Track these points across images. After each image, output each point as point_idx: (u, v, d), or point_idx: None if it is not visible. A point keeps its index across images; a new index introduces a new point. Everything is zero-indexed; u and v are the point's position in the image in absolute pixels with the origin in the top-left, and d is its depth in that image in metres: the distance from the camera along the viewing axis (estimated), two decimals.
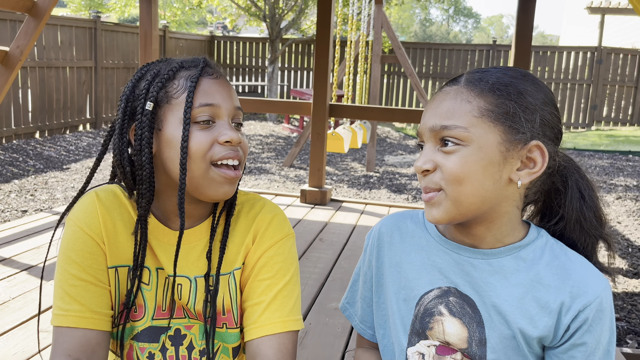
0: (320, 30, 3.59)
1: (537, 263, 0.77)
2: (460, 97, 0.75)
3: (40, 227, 2.86)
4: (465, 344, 0.79)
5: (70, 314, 0.83)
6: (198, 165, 0.83)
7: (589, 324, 0.74)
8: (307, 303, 2.03)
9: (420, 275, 0.83)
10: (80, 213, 0.88)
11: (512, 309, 0.76)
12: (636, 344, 2.32)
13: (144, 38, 3.81)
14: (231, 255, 0.91)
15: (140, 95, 0.85)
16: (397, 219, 0.90)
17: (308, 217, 3.36)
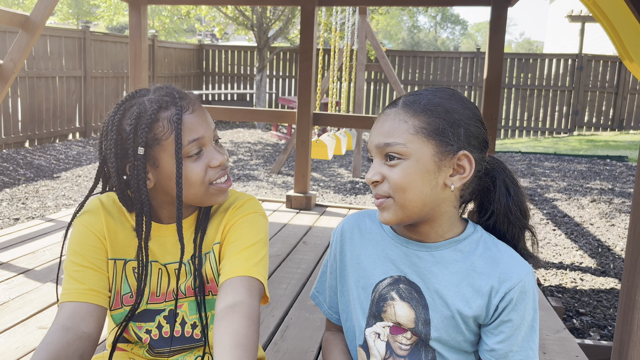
0: (304, 43, 3.75)
1: (472, 254, 0.91)
2: (398, 117, 0.89)
3: (34, 233, 2.97)
4: (412, 324, 0.93)
5: (70, 291, 0.98)
6: (198, 189, 1.00)
7: (513, 304, 0.88)
8: (289, 300, 2.17)
9: (375, 266, 0.97)
10: (86, 215, 1.04)
11: (451, 293, 0.91)
12: (598, 336, 2.48)
13: (133, 51, 3.94)
14: (211, 235, 1.06)
15: (129, 139, 0.96)
16: (357, 218, 1.04)
17: (293, 221, 3.50)
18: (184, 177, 0.98)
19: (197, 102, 1.03)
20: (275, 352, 1.73)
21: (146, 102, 0.98)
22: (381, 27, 27.76)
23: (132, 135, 0.96)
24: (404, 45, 46.16)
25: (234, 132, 10.07)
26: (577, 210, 4.87)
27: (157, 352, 1.07)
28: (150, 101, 0.98)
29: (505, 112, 11.26)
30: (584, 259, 3.57)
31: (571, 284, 3.13)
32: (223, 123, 11.30)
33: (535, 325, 0.91)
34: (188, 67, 11.94)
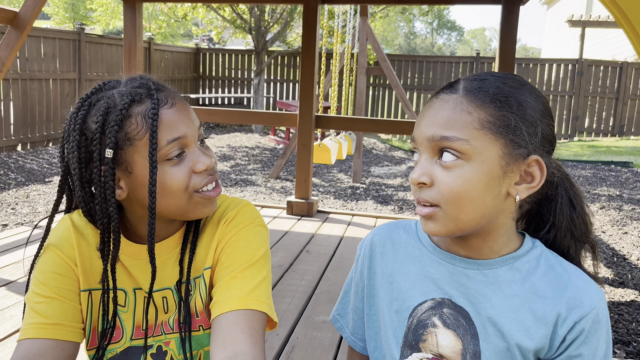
0: (306, 42, 3.60)
1: (532, 274, 0.76)
2: (460, 107, 0.71)
3: (21, 241, 2.80)
4: (459, 357, 0.77)
5: (30, 326, 0.81)
6: (181, 199, 0.82)
7: (585, 335, 0.73)
8: (294, 316, 2.00)
9: (413, 286, 0.81)
10: (55, 239, 0.87)
11: (508, 321, 0.75)
12: (624, 354, 2.32)
13: (128, 50, 3.78)
14: (201, 256, 0.89)
15: (95, 140, 0.79)
16: (389, 229, 0.88)
17: (294, 229, 3.34)
18: (162, 185, 0.80)
19: (177, 95, 0.85)
20: None
21: (116, 95, 0.81)
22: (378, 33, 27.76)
23: (98, 134, 0.78)
24: (401, 50, 46.20)
25: (231, 136, 9.92)
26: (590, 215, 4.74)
27: None
28: (121, 94, 0.81)
29: None
30: (599, 269, 3.42)
31: None
32: (220, 127, 11.15)
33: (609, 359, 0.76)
34: (185, 70, 11.79)
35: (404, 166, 7.61)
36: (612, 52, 12.90)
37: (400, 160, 8.19)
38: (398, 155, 8.60)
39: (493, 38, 77.86)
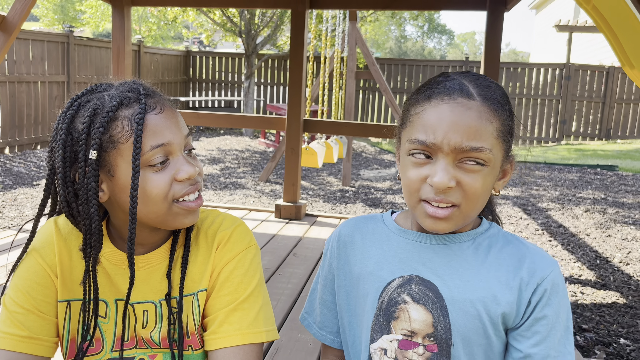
0: (294, 47, 3.62)
1: (493, 247, 0.82)
2: (484, 116, 0.74)
3: (7, 245, 2.79)
4: (431, 329, 0.80)
5: (8, 336, 0.83)
6: (160, 206, 0.82)
7: (547, 297, 0.78)
8: (279, 319, 2.02)
9: (381, 266, 0.84)
10: (38, 243, 0.88)
11: (475, 289, 0.79)
12: (604, 355, 2.36)
13: (116, 53, 3.79)
14: (195, 275, 0.90)
15: (80, 140, 0.79)
16: (356, 222, 0.92)
17: (282, 232, 3.36)
18: (143, 190, 0.80)
19: (167, 101, 0.86)
20: None
21: (106, 97, 0.82)
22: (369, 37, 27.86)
23: (84, 135, 0.79)
24: (392, 54, 46.39)
25: (221, 139, 9.92)
26: (572, 221, 4.79)
27: None
28: (111, 97, 0.81)
29: None
30: (582, 271, 3.47)
31: (572, 297, 3.02)
32: (210, 130, 11.13)
33: (571, 326, 0.81)
34: (175, 73, 11.77)
35: (393, 169, 7.66)
36: (599, 56, 13.07)
37: (389, 163, 8.23)
38: (387, 159, 8.64)
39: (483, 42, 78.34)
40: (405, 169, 0.79)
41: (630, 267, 3.61)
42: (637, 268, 3.60)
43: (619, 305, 2.99)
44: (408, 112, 0.81)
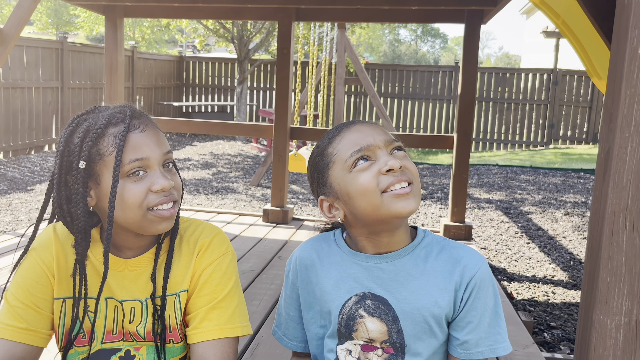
0: (281, 57, 3.77)
1: (429, 256, 0.96)
2: (381, 125, 0.98)
3: (4, 249, 2.91)
4: (386, 336, 0.94)
5: (7, 327, 0.96)
6: (135, 213, 0.94)
7: (476, 291, 0.93)
8: (261, 317, 2.16)
9: (339, 287, 0.98)
10: (38, 245, 1.01)
11: (419, 298, 0.93)
12: (568, 350, 2.51)
13: (109, 63, 3.92)
14: (177, 277, 1.03)
15: (74, 152, 0.93)
16: (312, 244, 1.04)
17: (269, 236, 3.49)
18: (121, 198, 0.92)
19: (151, 123, 0.99)
20: None
21: (99, 117, 0.96)
22: (363, 40, 28.06)
23: (78, 147, 0.93)
24: (385, 57, 46.65)
25: (214, 144, 10.04)
26: (551, 224, 4.95)
27: None
28: (102, 116, 0.95)
29: (483, 125, 11.43)
30: (556, 272, 3.63)
31: (543, 297, 3.17)
32: (203, 135, 11.25)
33: (499, 311, 0.96)
34: (168, 78, 11.89)
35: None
36: None
37: None
38: None
39: None
40: (354, 182, 0.90)
41: None
42: None
43: None
44: (325, 157, 0.95)
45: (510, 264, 3.83)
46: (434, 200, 5.89)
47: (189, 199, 5.47)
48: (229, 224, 3.78)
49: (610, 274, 1.05)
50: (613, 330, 1.05)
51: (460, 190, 3.59)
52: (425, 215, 5.22)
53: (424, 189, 6.59)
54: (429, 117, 11.65)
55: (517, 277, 3.55)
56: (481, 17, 3.44)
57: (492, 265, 3.80)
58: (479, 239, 4.45)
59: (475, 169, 8.22)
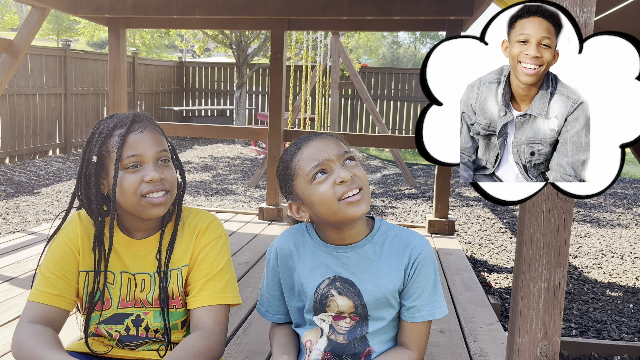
0: (274, 64, 4.00)
1: (385, 243, 1.19)
2: (337, 138, 1.17)
3: (17, 245, 3.14)
4: (353, 309, 1.18)
5: (41, 294, 1.19)
6: (131, 199, 1.16)
7: (419, 268, 1.16)
8: (253, 302, 2.39)
9: (314, 272, 1.21)
10: (66, 228, 1.25)
11: (378, 278, 1.17)
12: None
13: (112, 71, 4.16)
14: (180, 254, 1.26)
15: (89, 149, 1.19)
16: (289, 236, 1.26)
17: (264, 232, 3.72)
18: (120, 186, 1.16)
19: (150, 126, 1.22)
20: (238, 344, 1.95)
21: (110, 121, 1.20)
22: (362, 43, 28.28)
23: (92, 146, 1.19)
24: (384, 60, 46.90)
25: (214, 148, 10.27)
26: None
27: (125, 345, 1.26)
28: (113, 121, 1.20)
29: None
30: None
31: None
32: (203, 139, 11.48)
33: (438, 284, 1.20)
34: (168, 83, 12.13)
35: (379, 174, 8.02)
36: None
37: (376, 168, 8.60)
38: (374, 164, 9.01)
39: None
40: (315, 192, 1.12)
41: (578, 259, 3.99)
42: (583, 260, 3.99)
43: None
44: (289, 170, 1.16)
45: (492, 257, 4.06)
46: (425, 199, 6.11)
47: (189, 201, 5.69)
48: (227, 222, 4.00)
49: (531, 247, 1.28)
50: (535, 294, 1.28)
51: (443, 188, 3.82)
52: (416, 213, 5.44)
53: (417, 188, 6.81)
54: None
55: (497, 269, 3.78)
56: (461, 25, 3.68)
57: (475, 257, 4.02)
58: (465, 234, 4.68)
59: None
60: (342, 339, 1.19)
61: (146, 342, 1.26)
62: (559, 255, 1.29)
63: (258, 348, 1.93)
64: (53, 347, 1.09)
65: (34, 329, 1.13)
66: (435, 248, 3.46)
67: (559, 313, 1.29)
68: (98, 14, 3.76)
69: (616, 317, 2.99)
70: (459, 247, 3.50)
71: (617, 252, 4.22)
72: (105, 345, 1.27)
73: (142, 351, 1.27)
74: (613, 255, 4.16)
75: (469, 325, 2.21)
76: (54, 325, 1.18)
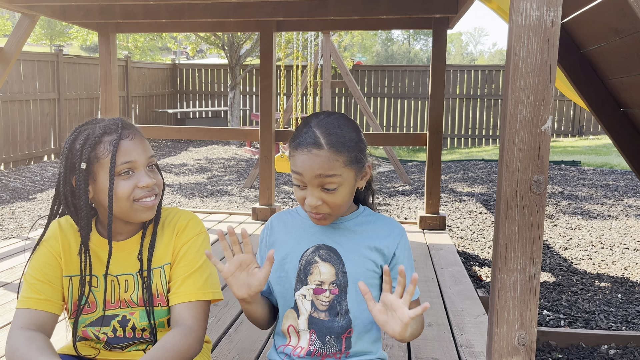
0: (264, 65, 4.04)
1: (367, 223, 1.27)
2: (331, 158, 1.16)
3: (12, 251, 3.17)
4: (334, 277, 1.23)
5: (29, 299, 1.22)
6: (124, 204, 1.20)
7: (402, 248, 1.26)
8: None
9: (300, 242, 1.27)
10: (47, 237, 1.28)
11: (360, 247, 1.24)
12: None
13: (104, 76, 4.19)
14: (161, 253, 1.29)
15: (77, 156, 1.18)
16: (280, 215, 1.35)
17: (258, 232, 3.76)
18: (114, 192, 1.18)
19: (138, 133, 1.26)
20: (229, 342, 1.99)
21: (96, 127, 1.22)
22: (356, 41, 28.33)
23: (79, 152, 1.19)
24: (378, 57, 46.94)
25: (209, 149, 10.29)
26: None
27: (113, 347, 1.30)
28: (99, 127, 1.22)
29: (471, 122, 11.72)
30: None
31: None
32: (198, 140, 11.50)
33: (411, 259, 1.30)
34: (162, 86, 12.15)
35: (373, 172, 8.05)
36: None
37: None
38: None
39: (469, 42, 79.17)
40: (295, 187, 1.21)
41: (568, 251, 4.04)
42: (573, 252, 4.03)
43: (549, 283, 3.41)
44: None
45: (484, 251, 4.10)
46: (419, 196, 6.16)
47: (184, 202, 5.73)
48: (221, 223, 4.04)
49: (507, 240, 1.32)
50: (511, 285, 1.32)
51: (434, 184, 3.86)
52: (409, 209, 5.48)
53: (411, 185, 6.85)
54: (418, 116, 11.93)
55: (488, 263, 3.82)
56: (447, 23, 3.72)
57: (466, 252, 4.07)
58: (457, 229, 4.72)
59: (461, 164, 8.49)
60: (324, 315, 1.24)
61: (133, 342, 1.30)
62: (533, 247, 1.34)
63: (249, 346, 1.97)
64: (47, 353, 1.11)
65: (26, 335, 1.15)
66: (427, 243, 3.51)
67: (534, 303, 1.33)
68: (87, 19, 3.79)
69: (604, 307, 3.04)
70: (449, 242, 3.54)
71: (607, 244, 4.27)
72: (93, 348, 1.31)
73: (129, 352, 1.30)
74: (603, 246, 4.21)
75: (456, 318, 2.25)
76: (45, 329, 1.21)
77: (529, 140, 1.26)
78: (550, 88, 1.26)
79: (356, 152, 1.19)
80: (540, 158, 1.26)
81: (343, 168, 1.16)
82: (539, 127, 1.27)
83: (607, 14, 2.16)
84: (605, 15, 2.17)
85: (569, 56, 2.64)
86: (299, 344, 1.25)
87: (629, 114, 2.53)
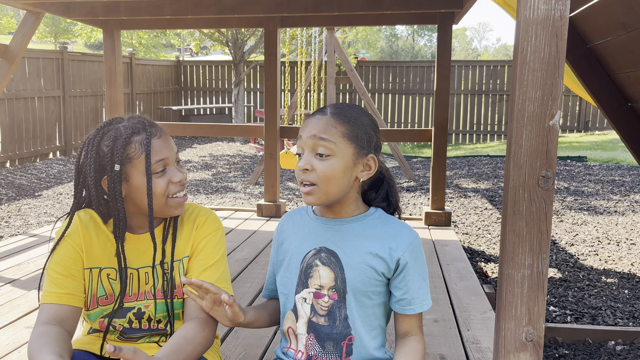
0: (268, 62, 4.03)
1: (375, 226, 1.22)
2: (329, 123, 1.16)
3: (19, 247, 3.19)
4: (333, 282, 1.21)
5: (51, 294, 1.23)
6: (160, 201, 1.23)
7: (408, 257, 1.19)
8: (251, 296, 2.43)
9: (303, 243, 1.26)
10: (68, 232, 1.28)
11: (361, 253, 1.20)
12: None
13: (109, 73, 4.19)
14: (181, 247, 1.31)
15: (106, 157, 1.18)
16: (290, 214, 1.34)
17: (262, 228, 3.76)
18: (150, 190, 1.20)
19: (163, 130, 1.28)
20: (236, 338, 1.99)
21: (121, 128, 1.22)
22: (360, 37, 28.25)
23: (109, 154, 1.19)
24: (383, 53, 46.83)
25: (213, 146, 10.30)
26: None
27: (127, 337, 1.31)
28: (125, 127, 1.22)
29: (477, 117, 11.67)
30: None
31: None
32: (203, 137, 11.51)
33: (426, 277, 1.24)
34: (167, 83, 12.16)
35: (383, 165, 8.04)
36: None
37: None
38: None
39: (474, 38, 78.76)
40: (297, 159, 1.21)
41: (574, 247, 4.02)
42: (580, 248, 4.02)
43: (555, 279, 3.40)
44: None
45: (489, 247, 4.09)
46: (424, 192, 6.15)
47: (189, 199, 5.74)
48: (226, 219, 4.04)
49: (514, 235, 1.31)
50: (519, 281, 1.31)
51: (439, 179, 3.85)
52: (414, 205, 5.47)
53: (416, 181, 6.84)
54: (422, 112, 11.90)
55: (494, 259, 3.81)
56: (452, 18, 3.70)
57: (472, 248, 4.06)
58: (462, 225, 4.71)
59: (467, 160, 8.46)
60: (324, 320, 1.22)
61: (148, 334, 1.31)
62: (541, 242, 1.32)
63: (255, 342, 1.97)
64: (45, 350, 1.09)
65: (41, 330, 1.16)
66: (432, 239, 3.50)
67: (542, 299, 1.32)
68: (92, 16, 3.79)
69: (611, 303, 3.02)
70: (455, 238, 3.54)
71: (614, 239, 4.25)
72: (103, 339, 1.31)
73: (142, 343, 1.32)
74: (609, 242, 4.19)
75: (462, 314, 2.25)
76: (66, 323, 1.21)
77: (537, 135, 1.24)
78: (558, 82, 1.25)
79: (359, 130, 1.17)
80: (548, 153, 1.25)
81: (340, 138, 1.14)
82: (547, 122, 1.26)
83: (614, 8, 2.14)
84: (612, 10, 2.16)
85: (575, 50, 2.62)
86: (298, 347, 1.25)
87: (636, 108, 2.51)
